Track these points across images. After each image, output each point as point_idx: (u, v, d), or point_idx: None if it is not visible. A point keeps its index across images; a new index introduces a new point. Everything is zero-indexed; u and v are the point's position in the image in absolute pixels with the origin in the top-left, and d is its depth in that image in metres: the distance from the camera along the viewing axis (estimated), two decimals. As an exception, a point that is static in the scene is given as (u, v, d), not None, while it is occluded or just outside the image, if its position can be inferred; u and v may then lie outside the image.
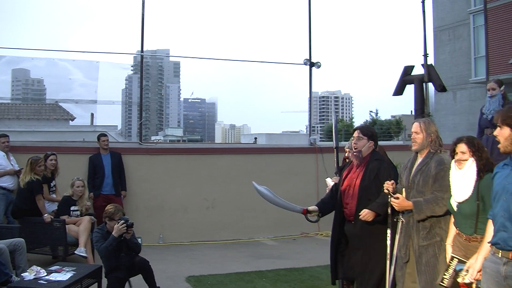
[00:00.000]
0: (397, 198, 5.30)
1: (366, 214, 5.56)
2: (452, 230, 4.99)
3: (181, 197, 11.41)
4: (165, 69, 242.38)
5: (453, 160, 4.86)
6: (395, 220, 5.49)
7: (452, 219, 5.00)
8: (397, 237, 5.49)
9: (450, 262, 4.57)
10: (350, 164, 6.45)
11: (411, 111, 14.74)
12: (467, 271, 4.41)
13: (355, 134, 6.22)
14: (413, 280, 5.37)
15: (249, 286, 7.99)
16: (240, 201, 11.75)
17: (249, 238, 11.61)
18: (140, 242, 7.43)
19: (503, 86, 7.83)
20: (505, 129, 3.99)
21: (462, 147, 4.74)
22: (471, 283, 4.36)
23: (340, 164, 7.30)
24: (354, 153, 6.18)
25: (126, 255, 6.71)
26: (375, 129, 6.58)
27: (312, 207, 6.65)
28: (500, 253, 3.93)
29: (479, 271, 4.21)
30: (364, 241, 5.93)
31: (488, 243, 4.12)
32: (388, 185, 5.40)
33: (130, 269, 6.78)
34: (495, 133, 4.10)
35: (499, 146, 4.07)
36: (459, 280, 4.51)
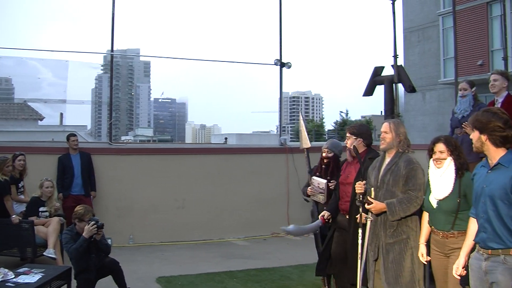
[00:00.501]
0: (371, 203, 5.37)
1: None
2: (425, 229, 5.07)
3: (152, 197, 11.34)
4: (135, 68, 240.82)
5: (431, 159, 4.99)
6: (363, 219, 5.56)
7: (426, 218, 5.07)
8: (366, 235, 5.54)
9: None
10: (344, 160, 6.71)
11: (381, 111, 14.85)
12: None
13: (347, 135, 6.49)
14: (380, 277, 5.46)
15: (220, 286, 7.98)
16: (211, 201, 11.73)
17: (220, 239, 11.59)
18: (110, 243, 7.38)
19: (475, 88, 7.93)
20: (475, 132, 4.19)
21: (440, 147, 4.90)
22: None
23: (315, 164, 7.35)
24: (348, 150, 6.45)
25: (96, 256, 6.67)
26: (365, 127, 6.69)
27: (327, 214, 6.64)
28: (482, 250, 4.12)
29: (463, 267, 4.42)
30: (354, 238, 6.06)
31: (474, 241, 4.30)
32: (359, 186, 5.48)
33: (99, 270, 6.74)
34: (470, 136, 4.29)
35: (473, 146, 4.25)
36: None
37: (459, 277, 4.52)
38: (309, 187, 7.11)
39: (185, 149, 13.77)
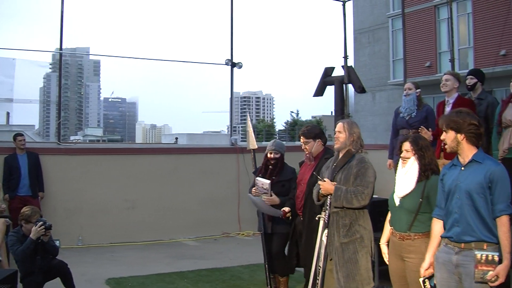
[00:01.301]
0: (324, 181, 5.42)
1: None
2: (387, 230, 5.12)
3: (101, 198, 11.20)
4: (84, 67, 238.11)
5: (400, 158, 5.04)
6: (316, 219, 5.60)
7: (388, 217, 5.13)
8: (319, 235, 5.58)
9: (425, 285, 4.65)
10: (303, 162, 6.74)
11: (331, 112, 15.00)
12: None
13: (301, 140, 6.52)
14: (334, 276, 5.48)
15: (171, 287, 7.92)
16: (161, 201, 11.66)
17: (171, 239, 11.53)
18: (58, 244, 7.25)
19: (419, 90, 8.07)
20: (450, 132, 4.29)
21: (406, 146, 4.95)
22: None
23: (260, 164, 7.35)
24: (306, 155, 6.47)
25: (42, 258, 6.55)
26: (317, 127, 6.75)
27: (287, 209, 6.69)
28: (452, 244, 4.24)
29: (428, 268, 4.48)
30: (307, 236, 6.12)
31: (442, 237, 4.39)
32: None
33: (47, 272, 6.62)
34: (442, 137, 4.40)
35: (446, 147, 4.37)
36: None
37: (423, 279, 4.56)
38: (254, 188, 7.12)
39: (135, 149, 13.65)
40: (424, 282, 4.58)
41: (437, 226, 4.47)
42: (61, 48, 12.29)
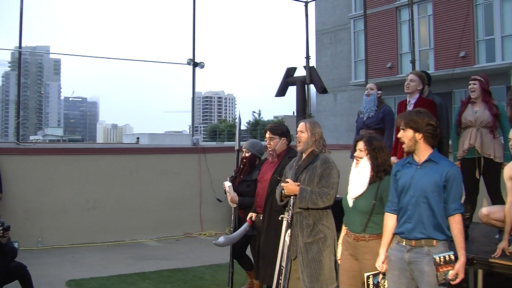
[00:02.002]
0: (287, 182, 5.41)
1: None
2: (343, 229, 5.14)
3: (61, 198, 11.06)
4: (44, 66, 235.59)
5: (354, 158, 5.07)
6: (279, 219, 5.60)
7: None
8: (282, 235, 5.59)
9: (368, 281, 4.68)
10: (265, 160, 6.76)
11: (293, 112, 15.05)
12: (383, 278, 4.60)
13: (267, 135, 6.49)
14: (298, 276, 5.50)
15: (132, 288, 7.89)
16: (123, 202, 11.57)
17: (132, 240, 11.45)
18: (16, 246, 7.16)
19: (380, 91, 8.14)
20: (408, 131, 4.36)
21: (360, 145, 4.97)
22: None
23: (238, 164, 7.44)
24: (269, 152, 6.44)
25: (0, 261, 6.45)
26: (285, 126, 6.77)
27: (254, 215, 6.73)
28: (404, 242, 4.31)
29: (384, 262, 4.52)
30: (267, 234, 6.13)
31: (394, 233, 4.46)
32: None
33: (5, 275, 6.52)
34: (399, 135, 4.47)
35: (404, 146, 4.44)
36: None
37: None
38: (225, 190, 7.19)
39: (96, 149, 13.53)
40: (368, 278, 4.64)
41: (390, 221, 4.51)
42: (20, 46, 12.12)
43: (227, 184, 7.04)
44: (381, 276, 4.59)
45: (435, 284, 4.17)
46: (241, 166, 7.27)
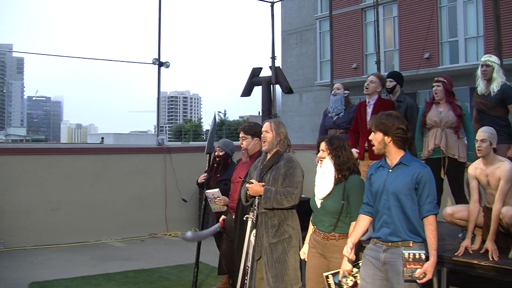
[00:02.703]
0: (252, 183, 5.42)
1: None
2: (310, 228, 5.15)
3: (24, 199, 10.90)
4: (7, 65, 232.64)
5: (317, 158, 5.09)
6: (244, 219, 5.61)
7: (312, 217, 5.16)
8: (247, 235, 5.59)
9: (328, 281, 4.69)
10: (239, 160, 6.78)
11: (259, 112, 15.06)
12: (344, 276, 4.62)
13: (240, 135, 6.52)
14: (261, 276, 5.52)
15: (97, 289, 7.82)
16: (87, 202, 11.45)
17: (97, 240, 11.34)
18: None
19: (347, 91, 8.19)
20: (378, 134, 4.41)
21: (322, 146, 5.01)
22: (355, 283, 4.60)
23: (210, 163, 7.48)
24: (242, 151, 6.49)
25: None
26: (260, 127, 6.79)
27: (223, 216, 6.87)
28: (380, 243, 4.37)
29: (352, 249, 4.51)
30: (241, 234, 6.15)
31: (372, 237, 4.51)
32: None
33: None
34: (370, 137, 4.50)
35: (374, 148, 4.49)
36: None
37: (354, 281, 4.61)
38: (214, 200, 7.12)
39: (60, 149, 13.38)
40: (327, 277, 4.67)
41: (364, 223, 4.56)
42: (-18, 45, 11.91)
43: (212, 191, 7.00)
44: (341, 274, 4.61)
45: (410, 285, 4.23)
46: (215, 165, 7.31)
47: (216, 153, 7.34)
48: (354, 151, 7.02)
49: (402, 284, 4.23)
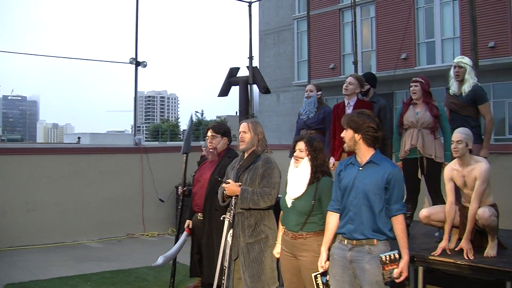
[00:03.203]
0: (229, 183, 5.45)
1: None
2: (280, 228, 5.17)
3: (0, 200, 10.81)
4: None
5: (292, 157, 5.09)
6: (221, 219, 5.63)
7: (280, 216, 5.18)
8: (224, 235, 5.61)
9: (316, 281, 4.71)
10: (205, 160, 6.82)
11: (236, 112, 15.07)
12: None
13: (209, 133, 6.58)
14: (239, 276, 5.55)
15: (73, 290, 7.77)
16: (64, 203, 11.37)
17: (73, 241, 11.27)
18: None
19: (320, 92, 8.23)
20: (348, 131, 4.47)
21: (300, 145, 5.01)
22: None
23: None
24: (210, 150, 6.52)
25: None
26: (227, 126, 6.83)
27: (188, 222, 6.95)
28: (346, 241, 4.42)
29: (326, 261, 4.59)
30: (209, 233, 6.18)
31: (337, 233, 4.56)
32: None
33: None
34: (342, 134, 4.54)
35: (344, 146, 4.55)
36: None
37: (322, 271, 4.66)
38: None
39: (36, 149, 13.27)
40: (316, 277, 4.68)
41: (333, 220, 4.60)
42: (-43, 44, 11.79)
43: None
44: (329, 275, 4.65)
45: (376, 282, 4.28)
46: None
47: (202, 153, 7.37)
48: (332, 161, 7.12)
49: (369, 282, 4.30)
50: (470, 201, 5.66)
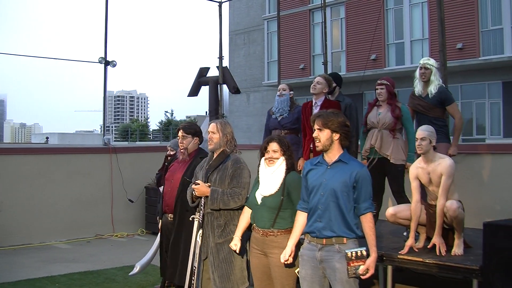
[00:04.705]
0: (198, 184, 5.44)
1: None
2: (243, 223, 5.17)
3: (-35, 200, 10.66)
4: None
5: (263, 158, 5.11)
6: (190, 219, 5.62)
7: (246, 213, 5.17)
8: (193, 235, 5.60)
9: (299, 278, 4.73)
10: (175, 160, 6.78)
11: (206, 112, 15.05)
12: None
13: (179, 133, 6.51)
14: (208, 276, 5.55)
15: (41, 292, 7.68)
16: (31, 203, 11.22)
17: (41, 242, 11.13)
18: None
19: (292, 92, 8.25)
20: (325, 131, 4.48)
21: (274, 146, 5.04)
22: None
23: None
24: (181, 150, 6.47)
25: None
26: (198, 126, 6.82)
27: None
28: (315, 241, 4.44)
29: (290, 255, 4.63)
30: (177, 233, 6.17)
31: (305, 232, 4.60)
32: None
33: None
34: (314, 135, 4.56)
35: (318, 144, 4.53)
36: None
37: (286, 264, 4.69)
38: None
39: (3, 149, 13.07)
40: (299, 273, 4.70)
41: (301, 218, 4.66)
42: None
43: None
44: (298, 276, 4.66)
45: (347, 281, 4.31)
46: (166, 163, 7.45)
47: (168, 152, 7.37)
48: (301, 161, 7.18)
49: (340, 280, 4.33)
50: (437, 198, 5.74)
